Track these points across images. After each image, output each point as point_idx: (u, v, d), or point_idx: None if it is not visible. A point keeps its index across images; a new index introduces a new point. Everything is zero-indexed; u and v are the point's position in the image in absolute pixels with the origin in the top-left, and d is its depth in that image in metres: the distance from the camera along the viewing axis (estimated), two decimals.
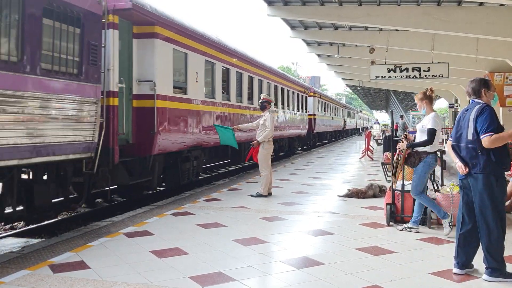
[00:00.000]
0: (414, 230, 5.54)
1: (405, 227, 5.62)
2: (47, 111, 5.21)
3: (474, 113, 3.94)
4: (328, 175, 11.55)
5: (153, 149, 7.53)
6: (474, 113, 3.94)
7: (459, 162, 4.01)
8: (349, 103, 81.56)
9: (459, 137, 4.07)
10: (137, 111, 7.43)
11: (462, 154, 4.02)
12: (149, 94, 7.47)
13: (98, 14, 6.06)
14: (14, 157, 4.83)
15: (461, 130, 4.06)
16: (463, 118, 4.08)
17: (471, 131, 3.93)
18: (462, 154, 4.02)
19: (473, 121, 3.92)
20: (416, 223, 5.61)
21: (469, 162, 3.95)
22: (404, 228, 5.61)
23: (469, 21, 11.60)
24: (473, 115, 3.93)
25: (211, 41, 10.05)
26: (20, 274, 3.86)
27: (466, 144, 3.98)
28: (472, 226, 4.00)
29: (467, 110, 4.09)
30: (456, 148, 4.09)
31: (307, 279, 3.88)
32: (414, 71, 15.21)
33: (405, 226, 5.63)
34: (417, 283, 3.83)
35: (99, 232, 5.36)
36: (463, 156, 4.01)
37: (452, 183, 6.33)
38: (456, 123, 4.20)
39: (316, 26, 15.83)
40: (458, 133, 4.08)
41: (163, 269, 4.04)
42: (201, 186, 9.68)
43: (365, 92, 48.47)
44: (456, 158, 4.08)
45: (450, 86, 24.94)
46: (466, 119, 4.01)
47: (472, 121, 3.92)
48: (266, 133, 8.04)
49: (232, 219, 6.15)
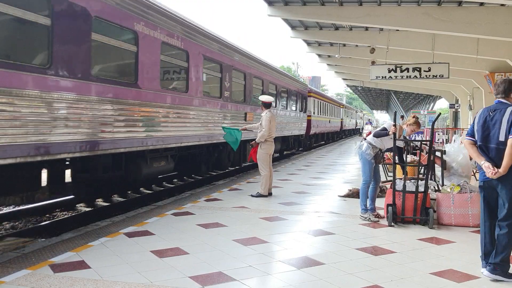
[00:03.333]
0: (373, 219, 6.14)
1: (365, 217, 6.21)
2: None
3: (509, 114, 3.83)
4: (328, 175, 11.55)
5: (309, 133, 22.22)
6: (508, 114, 3.83)
7: (486, 163, 3.91)
8: (350, 103, 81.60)
9: (486, 138, 3.97)
10: (308, 122, 21.86)
11: (491, 155, 3.93)
12: (308, 115, 22.22)
13: (306, 92, 21.83)
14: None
15: (489, 131, 3.95)
16: (490, 118, 3.96)
17: (503, 132, 3.84)
18: (491, 155, 3.93)
19: (507, 122, 3.82)
20: (364, 210, 6.27)
21: (499, 163, 3.85)
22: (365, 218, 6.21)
23: (469, 21, 11.60)
24: (507, 116, 3.83)
25: (316, 91, 26.05)
26: (20, 273, 3.86)
27: (497, 145, 3.88)
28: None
29: (494, 110, 3.97)
30: (484, 149, 4.00)
31: (307, 279, 3.89)
32: (414, 71, 15.22)
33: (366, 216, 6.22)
34: (417, 283, 3.83)
35: (99, 232, 5.37)
36: (492, 157, 3.92)
37: (452, 183, 6.33)
38: (481, 123, 4.04)
39: (317, 26, 15.85)
40: (485, 133, 3.97)
41: (164, 269, 4.04)
42: (201, 186, 9.69)
43: (365, 92, 48.48)
44: (480, 158, 3.98)
45: (450, 86, 24.94)
46: (497, 119, 3.90)
47: (506, 122, 3.82)
48: (262, 133, 8.06)
49: (233, 219, 6.15)
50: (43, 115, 5.21)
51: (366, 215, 6.21)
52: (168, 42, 7.92)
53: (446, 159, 7.07)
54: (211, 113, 9.83)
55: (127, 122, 6.82)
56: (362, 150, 6.28)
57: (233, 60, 11.07)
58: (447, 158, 7.06)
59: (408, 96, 45.41)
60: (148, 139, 7.38)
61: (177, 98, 8.28)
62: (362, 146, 6.31)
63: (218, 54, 10.13)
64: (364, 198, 6.30)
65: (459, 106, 26.09)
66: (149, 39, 7.31)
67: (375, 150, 6.26)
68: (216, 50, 10.01)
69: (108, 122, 6.37)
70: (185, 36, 8.53)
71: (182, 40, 8.41)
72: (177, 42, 8.28)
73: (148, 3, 7.32)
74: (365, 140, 6.42)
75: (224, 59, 10.50)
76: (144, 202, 8.54)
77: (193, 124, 8.96)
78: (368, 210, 6.30)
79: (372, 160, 6.24)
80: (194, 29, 8.93)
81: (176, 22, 8.22)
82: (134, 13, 6.91)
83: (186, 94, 8.63)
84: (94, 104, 6.06)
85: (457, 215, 5.92)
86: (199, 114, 9.19)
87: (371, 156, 6.22)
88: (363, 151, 6.26)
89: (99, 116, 6.16)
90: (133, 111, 6.94)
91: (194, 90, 8.98)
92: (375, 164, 6.36)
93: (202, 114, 9.36)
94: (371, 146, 6.24)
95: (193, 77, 8.92)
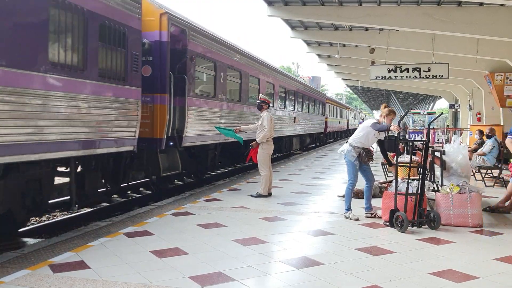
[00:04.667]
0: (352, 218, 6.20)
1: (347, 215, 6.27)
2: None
3: None
4: (328, 175, 11.55)
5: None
6: None
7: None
8: (350, 103, 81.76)
9: None
10: (325, 122, 28.59)
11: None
12: (326, 118, 29.19)
13: (325, 100, 29.04)
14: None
15: None
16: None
17: None
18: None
19: None
20: (346, 210, 6.34)
21: None
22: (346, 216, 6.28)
23: (469, 22, 11.60)
24: None
25: (331, 99, 32.14)
26: (20, 274, 3.86)
27: None
28: None
29: None
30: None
31: (306, 279, 3.89)
32: (414, 71, 15.22)
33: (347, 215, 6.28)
34: (417, 283, 3.83)
35: (99, 232, 5.37)
36: None
37: (451, 184, 6.33)
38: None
39: (317, 26, 15.84)
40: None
41: (163, 269, 4.04)
42: (201, 186, 9.69)
43: (365, 92, 48.48)
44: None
45: (450, 87, 24.91)
46: None
47: None
48: (264, 133, 8.04)
49: (232, 219, 6.15)
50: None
51: (347, 214, 6.29)
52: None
53: (445, 159, 7.07)
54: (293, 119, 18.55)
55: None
56: (344, 153, 6.33)
57: (288, 83, 18.03)
58: (447, 158, 7.06)
59: (408, 96, 45.40)
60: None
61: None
62: (344, 150, 6.36)
63: (273, 78, 15.32)
64: (348, 198, 6.36)
65: (459, 106, 26.08)
66: None
67: (357, 150, 6.28)
68: (285, 83, 17.45)
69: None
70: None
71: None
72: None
73: None
74: (347, 142, 6.47)
75: (286, 85, 17.73)
76: (143, 202, 8.54)
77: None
78: (365, 209, 6.41)
79: (355, 161, 6.27)
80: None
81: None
82: None
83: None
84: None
85: (456, 215, 5.91)
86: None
87: (354, 158, 6.26)
88: (345, 153, 6.32)
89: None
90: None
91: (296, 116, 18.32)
92: (363, 164, 6.36)
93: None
94: (352, 147, 6.29)
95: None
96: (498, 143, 10.07)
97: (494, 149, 9.92)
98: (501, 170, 9.77)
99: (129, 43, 6.71)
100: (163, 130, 7.82)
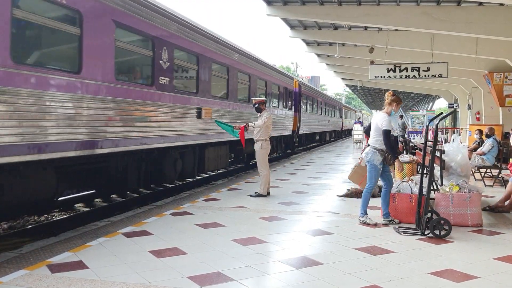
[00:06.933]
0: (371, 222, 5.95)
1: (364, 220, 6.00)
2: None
3: None
4: (328, 175, 11.54)
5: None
6: None
7: None
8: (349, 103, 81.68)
9: None
10: (341, 123, 40.73)
11: None
12: (342, 119, 41.64)
13: (342, 106, 42.62)
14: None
15: None
16: None
17: None
18: None
19: None
20: (362, 214, 6.07)
21: None
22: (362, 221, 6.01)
23: (468, 21, 11.60)
24: None
25: (346, 106, 47.53)
26: (18, 274, 3.85)
27: None
28: None
29: None
30: None
31: (306, 279, 3.88)
32: (413, 71, 15.20)
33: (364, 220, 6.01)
34: (416, 283, 3.82)
35: (97, 232, 5.35)
36: None
37: (451, 183, 6.31)
38: None
39: (316, 25, 15.84)
40: None
41: (162, 269, 4.03)
42: (200, 186, 9.68)
43: (364, 92, 48.45)
44: None
45: (449, 86, 24.94)
46: None
47: None
48: (257, 130, 8.10)
49: (231, 219, 6.14)
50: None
51: (364, 218, 5.99)
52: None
53: (445, 159, 7.05)
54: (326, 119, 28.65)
55: None
56: (368, 158, 5.97)
57: (315, 93, 24.99)
58: (446, 157, 7.04)
59: (407, 95, 45.43)
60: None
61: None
62: (368, 154, 5.99)
63: (290, 86, 19.32)
64: (365, 203, 6.02)
65: (458, 105, 26.10)
66: None
67: (382, 153, 5.95)
68: (309, 92, 23.25)
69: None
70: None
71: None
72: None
73: None
74: (369, 146, 6.10)
75: (314, 95, 24.49)
76: (142, 202, 8.52)
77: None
78: (383, 216, 6.08)
79: (380, 165, 5.96)
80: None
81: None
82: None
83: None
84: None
85: (456, 214, 5.90)
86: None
87: (379, 161, 5.94)
88: (369, 158, 5.96)
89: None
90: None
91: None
92: (385, 166, 6.05)
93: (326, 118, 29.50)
94: (376, 150, 5.95)
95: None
96: (497, 143, 10.07)
97: (494, 148, 9.92)
98: (501, 170, 9.77)
99: (291, 94, 18.71)
100: (295, 127, 19.37)
